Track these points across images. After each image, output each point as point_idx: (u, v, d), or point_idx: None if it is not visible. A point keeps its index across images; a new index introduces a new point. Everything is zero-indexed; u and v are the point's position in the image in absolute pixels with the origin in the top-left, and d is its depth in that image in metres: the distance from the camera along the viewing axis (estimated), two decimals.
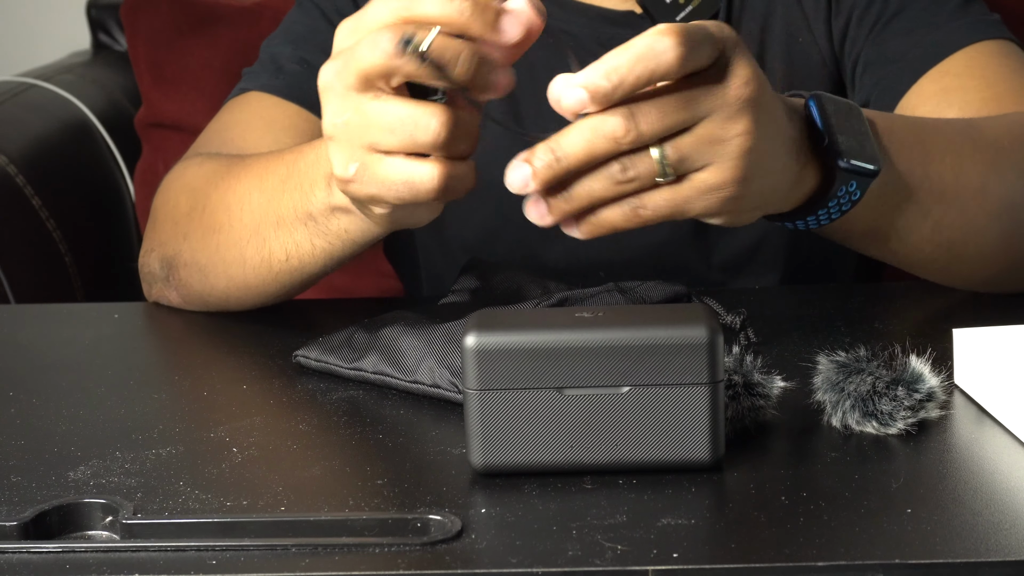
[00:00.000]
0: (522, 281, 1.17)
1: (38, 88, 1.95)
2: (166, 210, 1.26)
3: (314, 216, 1.09)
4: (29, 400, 1.06)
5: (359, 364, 1.05)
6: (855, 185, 1.01)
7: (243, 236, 1.16)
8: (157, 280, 1.26)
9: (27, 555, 0.81)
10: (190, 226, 1.21)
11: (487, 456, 0.87)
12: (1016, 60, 1.30)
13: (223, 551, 0.81)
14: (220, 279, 1.19)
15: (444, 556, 0.79)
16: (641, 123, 0.89)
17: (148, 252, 1.27)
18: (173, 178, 1.28)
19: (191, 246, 1.21)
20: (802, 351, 1.05)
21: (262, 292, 1.18)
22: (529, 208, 0.94)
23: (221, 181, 1.19)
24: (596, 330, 0.86)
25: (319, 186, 1.07)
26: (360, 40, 0.92)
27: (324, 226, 1.09)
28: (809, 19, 1.37)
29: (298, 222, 1.10)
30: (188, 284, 1.22)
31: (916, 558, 0.77)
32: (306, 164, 1.09)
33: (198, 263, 1.20)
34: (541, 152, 0.91)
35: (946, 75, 1.29)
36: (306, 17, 1.40)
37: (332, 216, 1.07)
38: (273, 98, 1.34)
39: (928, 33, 1.31)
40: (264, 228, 1.14)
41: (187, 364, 1.18)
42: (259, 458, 0.93)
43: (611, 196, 0.92)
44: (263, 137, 1.29)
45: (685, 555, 0.78)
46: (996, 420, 0.94)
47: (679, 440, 0.86)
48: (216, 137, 1.32)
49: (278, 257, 1.14)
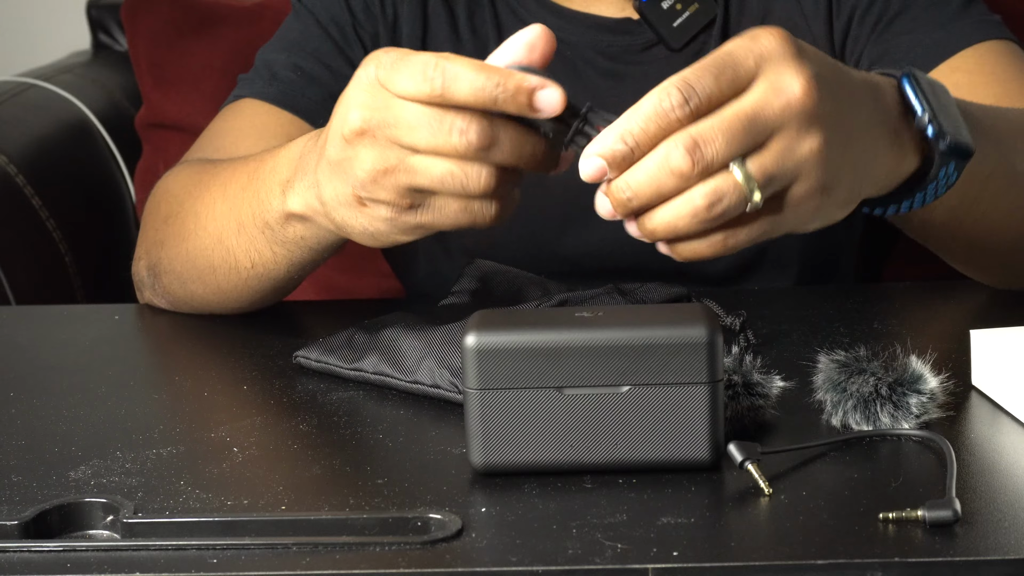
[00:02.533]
0: (522, 283, 1.17)
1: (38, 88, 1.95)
2: (149, 216, 1.28)
3: (270, 224, 1.09)
4: (30, 400, 1.06)
5: (359, 364, 1.05)
6: (953, 166, 0.97)
7: (208, 244, 1.16)
8: (145, 286, 1.27)
9: (28, 554, 0.82)
10: (167, 233, 1.22)
11: (487, 455, 0.87)
12: (1022, 60, 1.31)
13: (224, 550, 0.81)
14: (197, 286, 1.20)
15: (444, 555, 0.79)
16: (706, 151, 0.86)
17: (137, 259, 1.29)
18: (160, 185, 1.29)
19: (167, 254, 1.22)
20: (802, 351, 1.05)
21: (238, 298, 1.19)
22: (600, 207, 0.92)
23: (194, 188, 1.20)
24: (596, 330, 0.86)
25: (274, 194, 1.07)
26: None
27: (280, 234, 1.09)
28: (808, 19, 1.37)
29: (256, 230, 1.11)
30: (171, 291, 1.23)
31: (914, 557, 0.77)
32: (265, 172, 1.09)
33: (175, 270, 1.21)
34: (617, 188, 0.88)
35: (956, 71, 1.29)
36: (300, 24, 1.39)
37: (287, 224, 1.07)
38: (266, 105, 1.34)
39: (931, 32, 1.31)
40: (227, 236, 1.14)
41: (187, 364, 1.19)
42: (259, 458, 0.94)
43: (699, 231, 0.89)
44: (256, 145, 1.29)
45: (685, 554, 0.78)
46: (1014, 418, 0.95)
47: (679, 440, 0.87)
48: (209, 144, 1.33)
49: (243, 264, 1.14)
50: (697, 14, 1.38)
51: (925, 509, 0.80)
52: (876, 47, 1.34)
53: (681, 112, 0.86)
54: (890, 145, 0.95)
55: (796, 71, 0.88)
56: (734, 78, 0.87)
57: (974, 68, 1.29)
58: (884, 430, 0.92)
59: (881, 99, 0.95)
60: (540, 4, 1.39)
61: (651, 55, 1.38)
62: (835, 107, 0.89)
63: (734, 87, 0.87)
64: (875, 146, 0.94)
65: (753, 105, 0.87)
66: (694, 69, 0.87)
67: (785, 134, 0.88)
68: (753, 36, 0.89)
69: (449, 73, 0.89)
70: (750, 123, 0.87)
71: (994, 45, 1.31)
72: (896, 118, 0.95)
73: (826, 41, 1.37)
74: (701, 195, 0.87)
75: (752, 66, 0.88)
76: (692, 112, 0.86)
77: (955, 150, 0.96)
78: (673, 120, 0.86)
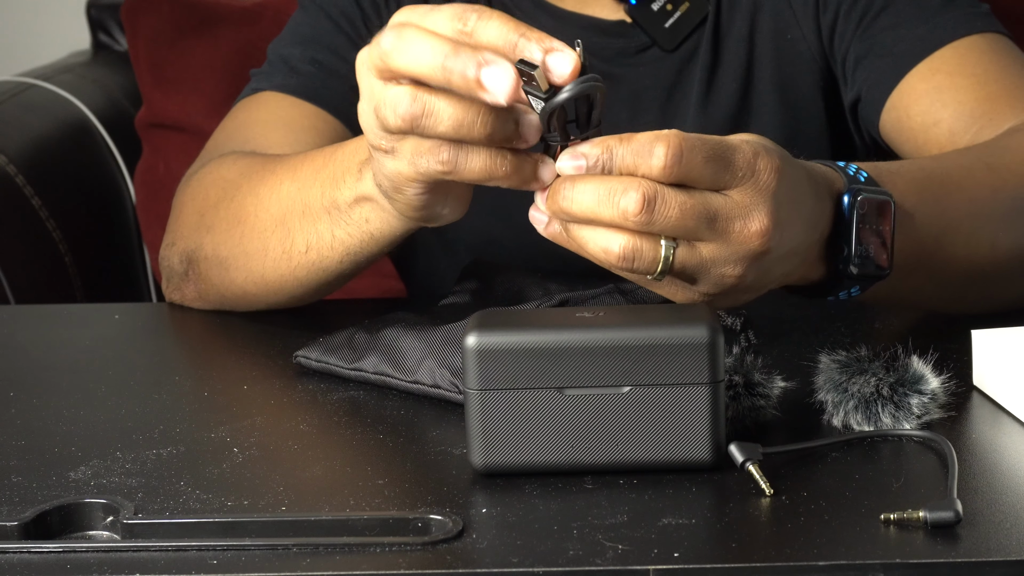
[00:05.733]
0: (523, 282, 1.17)
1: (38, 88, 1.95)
2: (194, 203, 1.25)
3: (338, 204, 1.09)
4: (29, 400, 1.06)
5: (360, 364, 1.05)
6: (858, 288, 1.01)
7: (268, 226, 1.16)
8: (175, 275, 1.25)
9: (28, 555, 0.81)
10: (216, 217, 1.21)
11: (488, 456, 0.87)
12: (1008, 56, 1.30)
13: (224, 551, 0.81)
14: (240, 272, 1.19)
15: (445, 556, 0.79)
16: (657, 212, 0.88)
17: (169, 246, 1.27)
18: (205, 172, 1.27)
19: (214, 239, 1.21)
20: (802, 351, 1.05)
21: (279, 288, 1.18)
22: (532, 213, 0.94)
23: (255, 174, 1.20)
24: (597, 330, 0.86)
25: (351, 173, 1.07)
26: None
27: (347, 215, 1.09)
28: (797, 15, 1.37)
29: (322, 211, 1.11)
30: (207, 278, 1.22)
31: (916, 558, 0.77)
32: (344, 154, 1.10)
33: (219, 256, 1.20)
34: (561, 193, 0.90)
35: (937, 72, 1.29)
36: (311, 19, 1.39)
37: (356, 205, 1.08)
38: (289, 98, 1.34)
39: (916, 27, 1.31)
40: (290, 218, 1.14)
41: (188, 364, 1.18)
42: (260, 458, 0.93)
43: (603, 262, 0.91)
44: (284, 137, 1.29)
45: (686, 555, 0.78)
46: (1016, 418, 0.94)
47: (680, 440, 0.86)
48: (237, 135, 1.32)
49: (299, 248, 1.14)
50: (689, 13, 1.38)
51: (926, 510, 0.80)
52: (861, 43, 1.34)
53: (658, 164, 0.88)
54: (805, 262, 0.98)
55: (766, 209, 0.91)
56: (719, 175, 0.90)
57: (955, 68, 1.28)
58: (885, 430, 0.92)
59: (820, 220, 0.97)
60: (536, 5, 1.39)
61: (645, 57, 1.38)
62: (776, 247, 0.92)
63: (714, 180, 0.90)
64: (791, 268, 0.97)
65: (717, 208, 0.90)
66: (696, 138, 0.89)
67: (722, 249, 0.91)
68: (757, 152, 0.91)
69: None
70: (706, 220, 0.90)
71: (978, 40, 1.30)
72: (820, 239, 0.98)
73: (815, 37, 1.37)
74: (620, 244, 0.90)
75: (740, 177, 0.90)
76: (666, 169, 0.88)
77: (862, 276, 0.99)
78: (648, 164, 0.88)
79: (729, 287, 0.93)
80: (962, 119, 1.25)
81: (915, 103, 1.28)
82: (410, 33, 0.91)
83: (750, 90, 1.38)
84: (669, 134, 0.88)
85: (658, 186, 0.88)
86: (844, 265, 0.99)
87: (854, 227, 0.98)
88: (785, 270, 0.96)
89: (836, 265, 0.99)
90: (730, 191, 0.90)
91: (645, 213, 0.88)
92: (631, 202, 0.88)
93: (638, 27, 1.37)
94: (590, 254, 0.91)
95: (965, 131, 1.24)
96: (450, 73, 0.88)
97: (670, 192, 0.88)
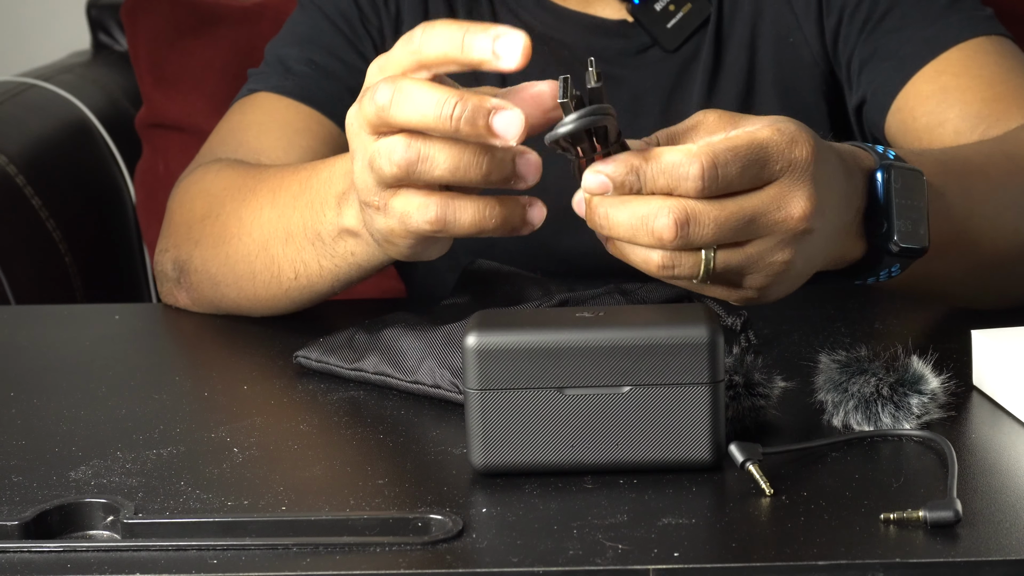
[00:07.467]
0: (523, 283, 1.17)
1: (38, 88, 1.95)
2: (182, 212, 1.25)
3: (322, 237, 1.08)
4: (30, 400, 1.06)
5: (360, 365, 1.05)
6: (898, 267, 1.00)
7: (252, 250, 1.16)
8: (168, 280, 1.25)
9: (28, 555, 0.81)
10: (203, 232, 1.21)
11: (488, 456, 0.87)
12: (1013, 58, 1.30)
13: (224, 551, 0.81)
14: (231, 289, 1.19)
15: (445, 555, 0.79)
16: (692, 233, 0.88)
17: (162, 252, 1.27)
18: (192, 181, 1.27)
19: (202, 253, 1.21)
20: (802, 351, 1.05)
21: (273, 306, 1.18)
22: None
23: (238, 191, 1.19)
24: (597, 330, 0.86)
25: (329, 206, 1.07)
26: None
27: (331, 248, 1.08)
28: (799, 19, 1.37)
29: (306, 241, 1.10)
30: (199, 289, 1.22)
31: (916, 557, 0.77)
32: (319, 183, 1.09)
33: (208, 271, 1.20)
34: (597, 212, 0.89)
35: (943, 74, 1.29)
36: (309, 19, 1.39)
37: (340, 238, 1.07)
38: (285, 99, 1.34)
39: (920, 30, 1.31)
40: (273, 244, 1.14)
41: (188, 365, 1.18)
42: (260, 458, 0.93)
43: (646, 272, 0.91)
44: (279, 139, 1.29)
45: (686, 554, 0.78)
46: (1015, 418, 0.95)
47: (680, 440, 0.86)
48: (231, 138, 1.32)
49: (287, 275, 1.14)
50: (690, 14, 1.38)
51: (926, 510, 0.80)
52: (866, 46, 1.34)
53: (694, 185, 0.87)
54: (840, 246, 0.98)
55: (806, 191, 0.90)
56: (757, 176, 0.89)
57: (961, 70, 1.28)
58: (885, 430, 0.92)
59: (854, 196, 0.97)
60: (538, 3, 1.39)
61: (647, 58, 1.38)
62: (819, 223, 0.91)
63: (753, 182, 0.89)
64: (833, 247, 0.96)
65: (755, 209, 0.89)
66: (727, 149, 0.88)
67: (766, 241, 0.90)
68: (792, 139, 0.90)
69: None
70: (745, 224, 0.89)
71: (983, 43, 1.30)
72: (856, 215, 0.97)
73: (817, 40, 1.37)
74: (661, 254, 0.89)
75: (777, 171, 0.89)
76: (704, 189, 0.87)
77: (904, 253, 0.98)
78: (684, 187, 0.88)
79: (778, 274, 0.92)
80: (968, 120, 1.25)
81: (921, 105, 1.28)
82: (407, 85, 0.90)
83: (752, 94, 1.38)
84: (700, 152, 0.87)
85: (689, 205, 0.88)
86: (884, 241, 0.98)
87: (893, 202, 0.97)
88: (829, 249, 0.96)
89: (876, 242, 0.98)
90: (767, 187, 0.89)
91: (680, 237, 0.88)
92: (664, 229, 0.87)
93: (640, 26, 1.37)
94: (632, 263, 0.91)
95: (971, 132, 1.24)
96: (457, 122, 0.88)
97: (703, 209, 0.88)
